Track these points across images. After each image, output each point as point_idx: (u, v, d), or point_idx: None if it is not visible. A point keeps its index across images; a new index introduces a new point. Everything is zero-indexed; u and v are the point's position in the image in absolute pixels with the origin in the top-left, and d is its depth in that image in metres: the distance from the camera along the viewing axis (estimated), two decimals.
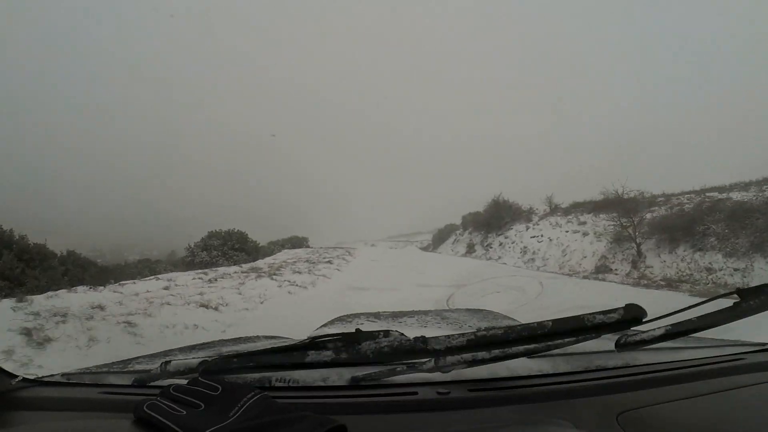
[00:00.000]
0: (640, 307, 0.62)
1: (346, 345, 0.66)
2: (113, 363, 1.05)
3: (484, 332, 0.66)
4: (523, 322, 1.22)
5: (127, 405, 0.63)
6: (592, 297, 6.48)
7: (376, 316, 1.41)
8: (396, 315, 1.41)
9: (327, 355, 0.65)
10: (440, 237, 24.16)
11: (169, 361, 0.73)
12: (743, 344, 0.96)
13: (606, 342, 1.19)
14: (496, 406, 0.65)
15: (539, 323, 0.64)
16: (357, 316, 1.41)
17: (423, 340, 0.65)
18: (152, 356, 1.13)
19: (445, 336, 0.65)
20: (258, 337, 1.66)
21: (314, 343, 0.68)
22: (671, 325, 0.69)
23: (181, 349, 1.28)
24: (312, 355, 0.65)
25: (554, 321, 0.63)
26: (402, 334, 0.72)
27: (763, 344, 0.92)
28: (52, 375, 0.88)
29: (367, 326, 1.28)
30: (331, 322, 1.35)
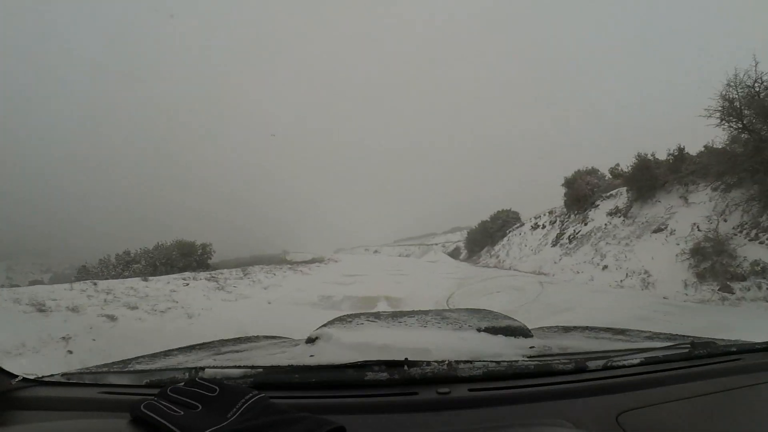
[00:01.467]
0: None
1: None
2: (113, 363, 1.05)
3: (528, 361, 0.77)
4: (523, 322, 1.22)
5: (127, 405, 0.63)
6: None
7: (377, 316, 1.40)
8: (396, 315, 1.40)
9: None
10: (485, 235, 16.15)
11: (169, 362, 0.73)
12: (743, 344, 0.96)
13: (605, 342, 1.19)
14: (496, 406, 0.65)
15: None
16: (357, 316, 1.40)
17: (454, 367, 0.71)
18: (152, 356, 1.13)
19: (481, 362, 0.73)
20: (258, 338, 1.66)
21: (360, 365, 0.73)
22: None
23: (181, 349, 1.28)
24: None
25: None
26: (440, 362, 0.75)
27: (763, 344, 0.92)
28: (51, 375, 0.88)
29: (367, 326, 1.28)
30: (331, 322, 1.35)
